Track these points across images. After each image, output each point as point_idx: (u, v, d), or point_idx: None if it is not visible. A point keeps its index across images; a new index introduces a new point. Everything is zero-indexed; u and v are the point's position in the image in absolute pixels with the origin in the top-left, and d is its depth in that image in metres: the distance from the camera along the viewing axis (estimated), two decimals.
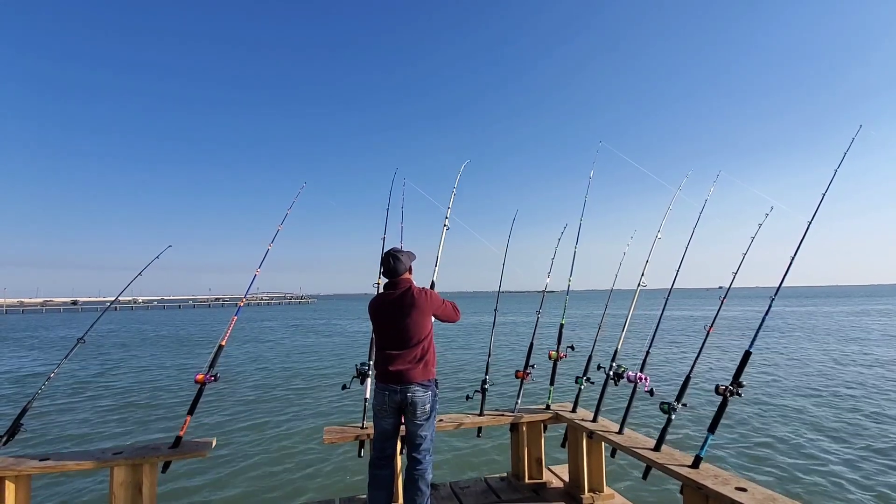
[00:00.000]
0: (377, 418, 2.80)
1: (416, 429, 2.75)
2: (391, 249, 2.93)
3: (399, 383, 2.70)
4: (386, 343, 2.79)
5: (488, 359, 4.03)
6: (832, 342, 19.22)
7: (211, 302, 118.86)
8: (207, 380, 2.97)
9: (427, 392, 2.75)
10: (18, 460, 2.71)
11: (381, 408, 2.75)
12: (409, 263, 2.93)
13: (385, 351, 2.78)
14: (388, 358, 2.74)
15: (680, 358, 15.56)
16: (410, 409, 2.72)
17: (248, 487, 5.84)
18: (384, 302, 2.83)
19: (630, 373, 3.16)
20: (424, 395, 2.74)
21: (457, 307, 3.05)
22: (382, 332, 2.82)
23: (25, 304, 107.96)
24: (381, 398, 2.73)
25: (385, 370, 2.74)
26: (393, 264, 2.85)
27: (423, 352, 2.78)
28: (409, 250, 3.02)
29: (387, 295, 2.85)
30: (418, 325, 2.77)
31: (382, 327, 2.81)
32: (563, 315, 3.94)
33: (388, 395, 2.71)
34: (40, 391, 2.90)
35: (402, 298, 2.79)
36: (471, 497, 3.43)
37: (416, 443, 2.76)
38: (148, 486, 2.79)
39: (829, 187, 2.69)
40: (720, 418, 2.54)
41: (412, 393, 2.70)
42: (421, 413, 2.73)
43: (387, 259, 2.88)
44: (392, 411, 2.75)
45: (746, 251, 3.05)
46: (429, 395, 2.76)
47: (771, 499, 2.12)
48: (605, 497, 3.34)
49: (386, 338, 2.79)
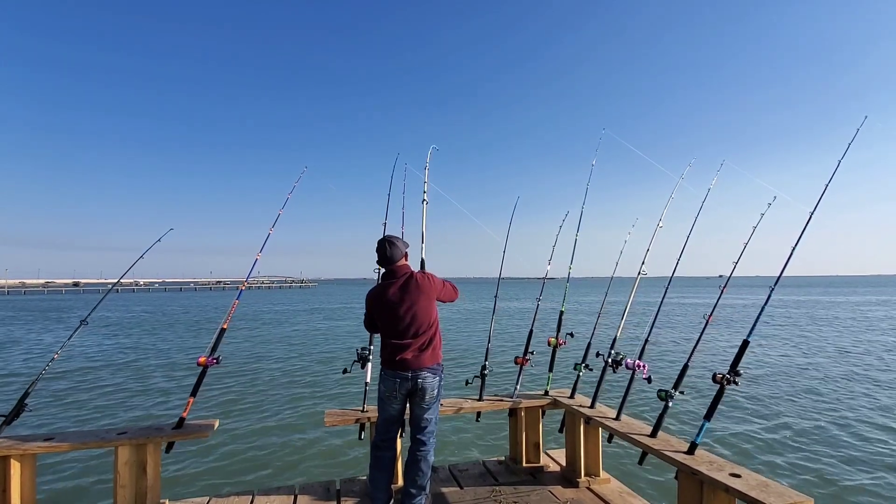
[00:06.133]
0: (384, 403, 2.77)
1: (423, 412, 2.76)
2: (386, 236, 2.84)
3: (410, 370, 2.67)
4: (394, 333, 2.71)
5: (488, 345, 4.04)
6: (831, 330, 19.29)
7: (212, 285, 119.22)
8: (210, 362, 3.00)
9: (436, 377, 2.75)
10: (23, 439, 2.75)
11: (391, 394, 2.71)
12: (404, 249, 2.86)
13: (393, 341, 2.70)
14: (398, 347, 2.68)
15: (679, 346, 15.65)
16: (420, 395, 2.71)
17: (250, 469, 5.94)
18: (387, 292, 2.74)
19: (628, 360, 3.18)
20: (434, 380, 2.74)
21: (455, 286, 3.01)
22: (389, 323, 2.72)
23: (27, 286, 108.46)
24: (391, 384, 2.69)
25: (393, 358, 2.68)
26: (390, 251, 2.78)
27: (431, 337, 2.75)
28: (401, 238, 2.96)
29: (388, 284, 2.76)
30: (426, 311, 2.73)
31: (388, 318, 2.72)
32: (564, 302, 3.95)
33: (398, 382, 2.67)
34: (44, 372, 2.93)
35: (406, 286, 2.73)
36: (469, 479, 3.48)
37: (422, 426, 2.78)
38: (152, 465, 2.84)
39: (833, 178, 2.67)
40: (717, 406, 2.57)
41: (423, 379, 2.68)
42: (430, 398, 2.74)
43: (382, 246, 2.80)
44: (401, 397, 2.72)
45: (748, 240, 3.04)
46: (437, 380, 2.76)
47: (764, 485, 2.15)
48: (602, 481, 3.39)
49: (393, 328, 2.71)
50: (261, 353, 15.12)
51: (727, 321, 22.96)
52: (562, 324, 3.88)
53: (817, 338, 17.39)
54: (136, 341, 18.18)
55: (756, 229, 3.08)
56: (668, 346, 15.52)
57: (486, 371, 3.73)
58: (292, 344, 17.20)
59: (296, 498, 3.17)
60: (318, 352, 15.31)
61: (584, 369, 3.61)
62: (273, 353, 14.95)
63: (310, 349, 15.85)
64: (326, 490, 3.30)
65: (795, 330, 19.77)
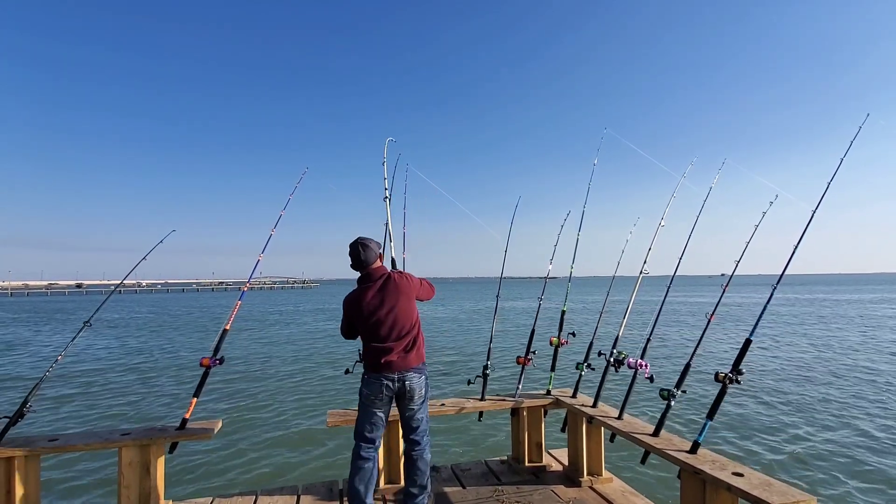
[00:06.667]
0: (367, 407, 2.69)
1: (414, 413, 2.74)
2: (358, 239, 2.77)
3: (396, 372, 2.65)
4: (377, 337, 2.66)
5: (490, 344, 4.05)
6: (834, 329, 19.23)
7: (215, 286, 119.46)
8: (213, 363, 3.01)
9: (422, 377, 2.74)
10: (28, 440, 2.77)
11: (377, 396, 2.66)
12: (378, 251, 2.80)
13: (376, 344, 2.66)
14: (381, 351, 2.65)
15: (681, 345, 15.62)
16: (408, 396, 2.69)
17: (253, 469, 5.95)
18: (364, 296, 2.69)
19: (630, 359, 3.17)
20: (420, 379, 2.72)
21: (432, 284, 2.97)
22: (371, 327, 2.67)
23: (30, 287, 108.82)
24: (377, 387, 2.65)
25: (378, 361, 2.64)
26: (363, 254, 2.72)
27: (415, 337, 2.73)
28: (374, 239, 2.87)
29: (366, 288, 2.72)
30: (407, 312, 2.70)
31: (369, 322, 2.67)
32: (565, 301, 3.95)
33: (384, 385, 2.64)
34: (48, 373, 2.95)
35: (384, 288, 2.69)
36: (471, 479, 3.49)
37: (414, 426, 2.76)
38: (155, 466, 2.85)
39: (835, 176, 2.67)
40: (719, 405, 2.57)
41: (409, 380, 2.67)
42: (418, 398, 2.72)
43: (355, 249, 2.73)
44: (387, 399, 2.69)
45: (750, 239, 3.03)
46: (423, 379, 2.75)
47: (767, 484, 2.15)
48: (604, 480, 3.39)
49: (374, 332, 2.66)
50: (264, 353, 15.15)
51: (730, 320, 22.91)
52: (564, 323, 3.88)
53: (824, 336, 17.34)
54: (139, 342, 18.22)
55: (758, 228, 3.08)
56: (670, 346, 15.50)
57: (488, 371, 3.73)
58: (295, 344, 17.22)
59: (299, 498, 3.18)
60: (321, 352, 15.33)
61: (586, 369, 3.61)
62: (276, 354, 14.97)
63: (312, 349, 15.87)
64: (329, 490, 3.31)
65: (801, 328, 19.71)
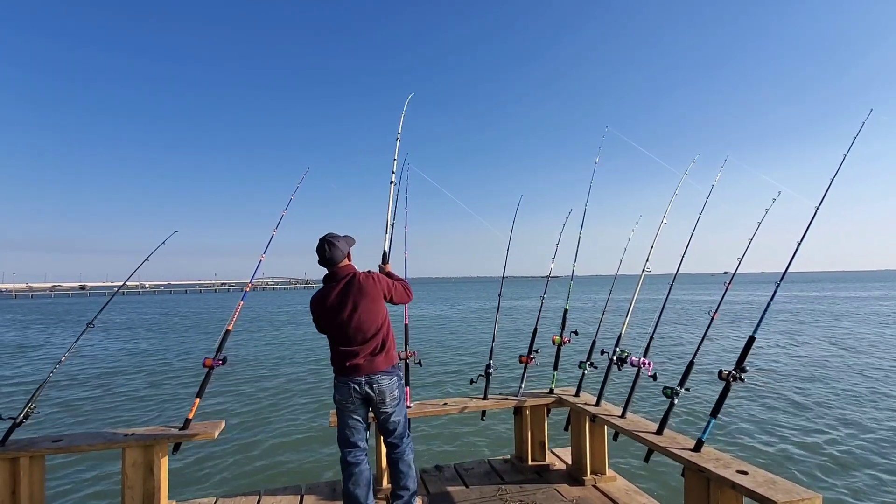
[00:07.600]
0: (342, 413, 2.62)
1: (389, 416, 2.66)
2: (326, 236, 2.67)
3: (363, 375, 2.57)
4: (341, 340, 2.59)
5: (492, 343, 4.04)
6: (838, 326, 19.14)
7: (217, 287, 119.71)
8: (215, 363, 3.01)
9: (392, 378, 2.65)
10: (32, 441, 2.78)
11: (347, 400, 2.59)
12: (346, 249, 2.70)
13: (341, 347, 2.59)
14: (347, 354, 2.57)
15: (684, 343, 15.58)
16: (379, 399, 2.61)
17: (256, 469, 5.97)
18: (328, 297, 2.61)
19: (633, 358, 3.17)
20: (391, 381, 2.63)
21: (408, 286, 2.86)
22: (334, 330, 2.60)
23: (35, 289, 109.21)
24: (346, 391, 2.57)
25: (344, 365, 2.58)
26: (329, 252, 2.61)
27: (383, 340, 2.64)
28: (348, 235, 2.78)
29: (330, 288, 2.63)
30: (371, 314, 2.60)
31: (332, 325, 2.60)
32: (568, 300, 3.94)
33: (353, 388, 2.56)
34: (52, 374, 2.95)
35: (347, 289, 2.60)
36: (475, 478, 3.49)
37: (390, 429, 2.69)
38: (159, 466, 2.86)
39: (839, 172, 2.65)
40: (723, 403, 2.56)
41: (378, 383, 2.58)
42: (390, 400, 2.64)
43: (322, 247, 2.63)
44: (359, 403, 2.61)
45: (752, 236, 3.02)
46: (395, 381, 2.67)
47: (771, 482, 2.14)
48: (607, 479, 3.38)
49: (339, 335, 2.59)
50: (266, 353, 15.18)
51: (733, 317, 22.85)
52: (566, 322, 3.88)
53: (825, 333, 17.27)
54: (143, 343, 18.28)
55: (761, 225, 3.06)
56: (673, 344, 15.46)
57: (490, 370, 3.73)
58: (297, 344, 17.25)
59: (302, 498, 3.18)
60: (324, 352, 15.33)
61: (588, 367, 3.60)
62: (279, 354, 15.00)
63: (315, 349, 15.88)
64: (332, 490, 3.31)
65: (803, 325, 19.63)
